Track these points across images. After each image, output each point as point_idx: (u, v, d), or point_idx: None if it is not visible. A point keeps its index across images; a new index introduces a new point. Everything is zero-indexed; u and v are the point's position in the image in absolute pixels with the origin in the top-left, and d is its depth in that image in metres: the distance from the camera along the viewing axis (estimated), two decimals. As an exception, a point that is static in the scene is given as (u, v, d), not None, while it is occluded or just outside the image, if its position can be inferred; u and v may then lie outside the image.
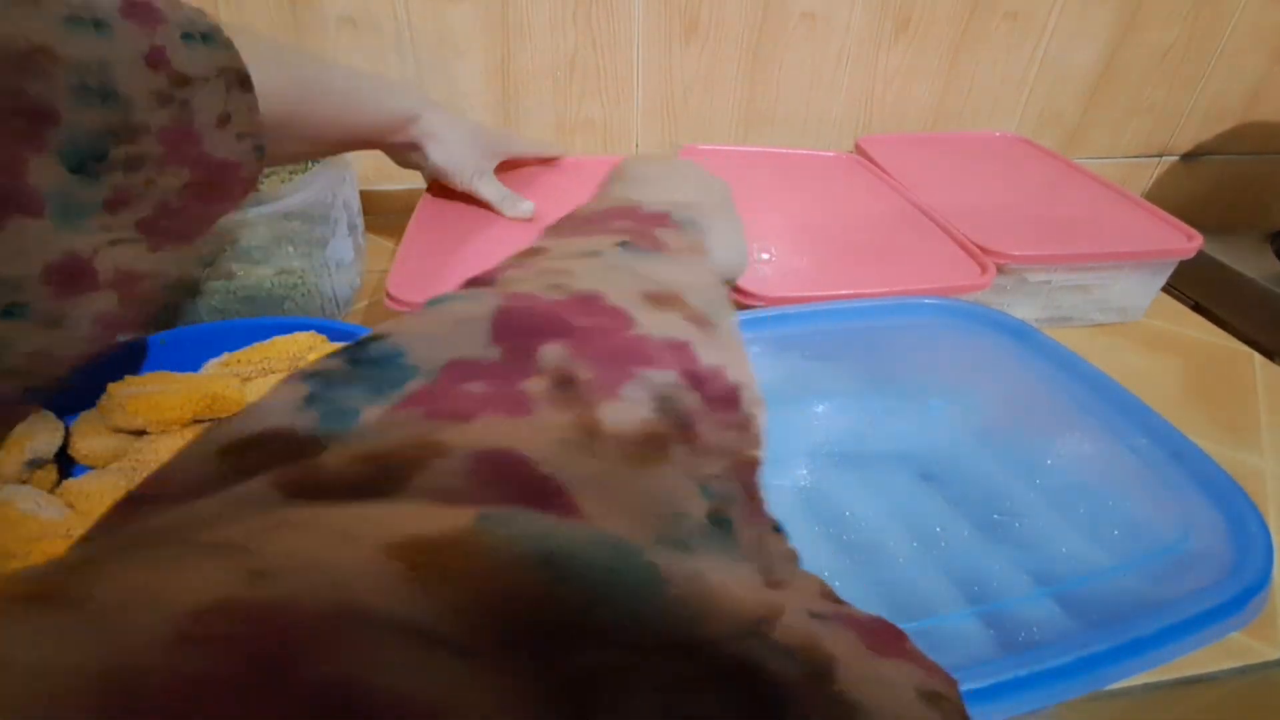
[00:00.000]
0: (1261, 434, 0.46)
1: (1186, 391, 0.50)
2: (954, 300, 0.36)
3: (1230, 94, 0.75)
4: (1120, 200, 0.58)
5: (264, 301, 0.48)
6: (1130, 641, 0.20)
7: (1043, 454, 0.30)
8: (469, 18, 0.61)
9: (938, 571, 0.26)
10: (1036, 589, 0.24)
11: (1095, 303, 0.55)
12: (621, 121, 0.68)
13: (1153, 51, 0.71)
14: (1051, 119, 0.75)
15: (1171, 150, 0.79)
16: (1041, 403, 0.32)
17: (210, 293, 0.47)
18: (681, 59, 0.65)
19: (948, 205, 0.56)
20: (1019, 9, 0.67)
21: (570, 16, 0.62)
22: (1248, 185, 0.83)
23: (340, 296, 0.54)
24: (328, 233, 0.51)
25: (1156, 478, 0.27)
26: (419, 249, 0.48)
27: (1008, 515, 0.28)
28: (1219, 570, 0.23)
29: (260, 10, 0.58)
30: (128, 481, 0.36)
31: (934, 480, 0.30)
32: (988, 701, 0.19)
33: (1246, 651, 0.33)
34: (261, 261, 0.48)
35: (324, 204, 0.50)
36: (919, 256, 0.50)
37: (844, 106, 0.71)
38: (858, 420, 0.33)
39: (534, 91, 0.65)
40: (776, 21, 0.64)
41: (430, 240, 0.50)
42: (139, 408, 0.35)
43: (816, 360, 0.35)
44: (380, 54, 0.61)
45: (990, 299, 0.52)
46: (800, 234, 0.52)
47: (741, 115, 0.70)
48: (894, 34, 0.67)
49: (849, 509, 0.29)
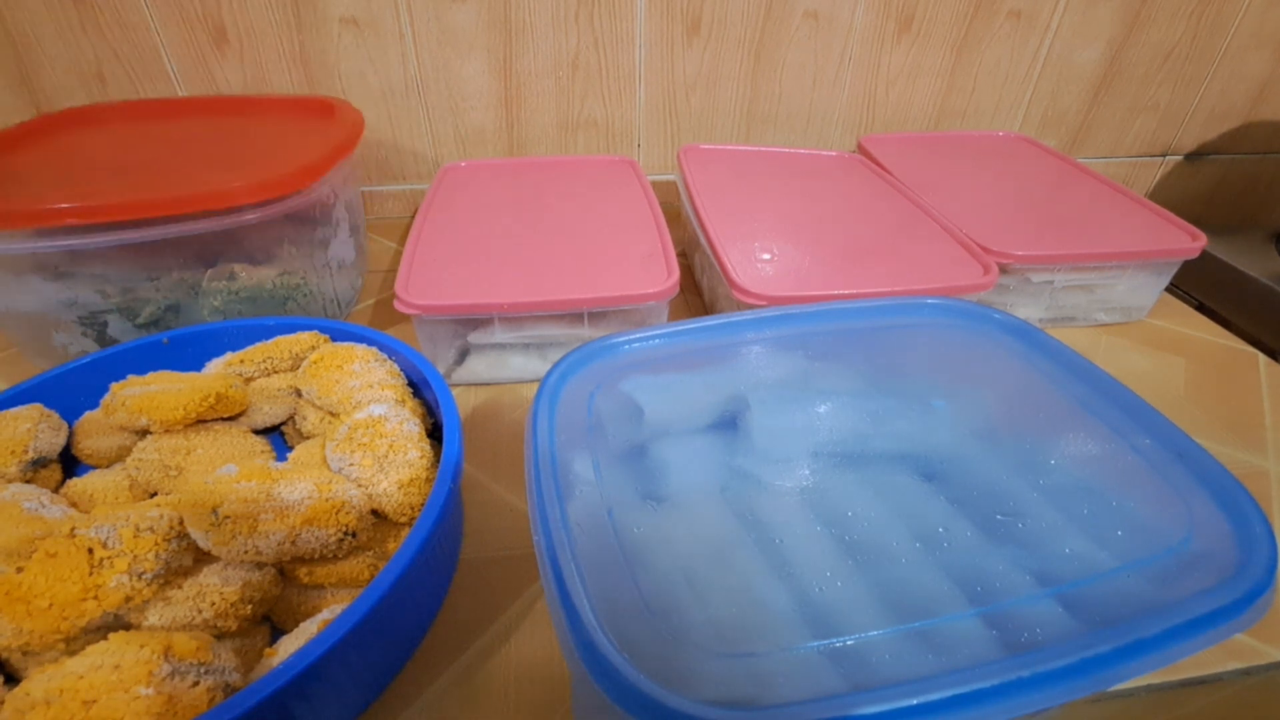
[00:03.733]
0: (1266, 434, 0.46)
1: (1190, 392, 0.50)
2: (957, 300, 0.36)
3: (1234, 93, 0.75)
4: (1124, 200, 0.58)
5: (266, 302, 0.49)
6: (1134, 642, 0.20)
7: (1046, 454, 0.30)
8: (471, 17, 0.61)
9: (940, 572, 0.26)
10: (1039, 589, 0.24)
11: (1099, 303, 0.55)
12: (624, 121, 0.68)
13: (1157, 51, 0.71)
14: (1055, 118, 0.75)
15: (1175, 150, 0.79)
16: (1044, 403, 0.32)
17: (212, 293, 0.47)
18: (684, 58, 0.65)
19: (950, 205, 0.56)
20: (1022, 8, 0.67)
21: (573, 16, 0.62)
22: (1252, 185, 0.82)
23: (342, 297, 0.54)
24: (329, 234, 0.51)
25: (1160, 478, 0.27)
26: (426, 251, 0.48)
27: (1010, 515, 0.28)
28: (1223, 571, 0.23)
29: (263, 11, 0.58)
30: (131, 481, 0.36)
31: (936, 480, 0.30)
32: (990, 702, 0.19)
33: (1250, 653, 0.33)
34: (263, 262, 0.48)
35: (326, 205, 0.50)
36: (921, 256, 0.50)
37: (846, 106, 0.71)
38: (860, 420, 0.33)
39: (536, 91, 0.65)
40: (779, 21, 0.64)
41: (437, 242, 0.50)
42: (142, 407, 0.35)
43: (818, 360, 0.35)
44: (382, 54, 0.61)
45: (993, 299, 0.52)
46: (802, 233, 0.52)
47: (743, 114, 0.69)
48: (897, 33, 0.67)
49: (851, 509, 0.29)
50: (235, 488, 0.30)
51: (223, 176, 0.43)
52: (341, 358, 0.39)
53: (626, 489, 0.28)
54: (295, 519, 0.30)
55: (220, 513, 0.29)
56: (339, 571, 0.31)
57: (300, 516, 0.30)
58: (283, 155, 0.48)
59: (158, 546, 0.29)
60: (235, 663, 0.27)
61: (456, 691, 0.31)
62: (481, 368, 0.47)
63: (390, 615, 0.28)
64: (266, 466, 0.32)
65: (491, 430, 0.45)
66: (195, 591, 0.29)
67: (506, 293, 0.44)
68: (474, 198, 0.57)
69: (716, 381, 0.33)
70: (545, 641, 0.33)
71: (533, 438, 0.27)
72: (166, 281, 0.46)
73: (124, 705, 0.23)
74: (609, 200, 0.56)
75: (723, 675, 0.21)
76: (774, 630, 0.23)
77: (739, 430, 0.32)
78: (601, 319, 0.46)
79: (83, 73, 0.59)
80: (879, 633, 0.23)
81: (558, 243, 0.50)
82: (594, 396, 0.31)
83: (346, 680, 0.27)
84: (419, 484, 0.33)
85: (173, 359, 0.41)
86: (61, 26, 0.57)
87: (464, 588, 0.35)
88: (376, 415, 0.35)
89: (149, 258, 0.45)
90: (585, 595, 0.21)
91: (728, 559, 0.26)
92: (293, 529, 0.29)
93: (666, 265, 0.46)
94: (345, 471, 0.33)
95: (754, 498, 0.29)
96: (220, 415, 0.37)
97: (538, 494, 0.25)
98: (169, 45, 0.59)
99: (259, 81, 0.62)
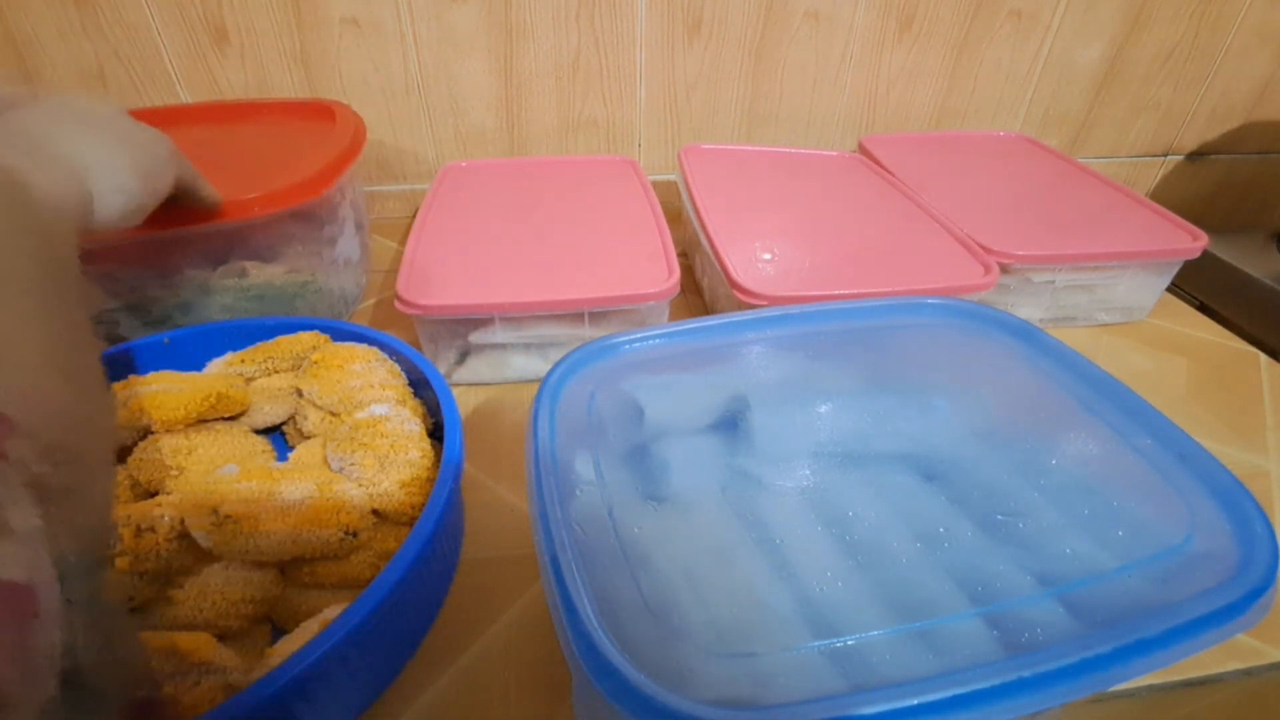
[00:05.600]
0: (1267, 435, 0.46)
1: (1192, 392, 0.50)
2: (957, 300, 0.36)
3: (1236, 93, 0.75)
4: (1125, 200, 0.58)
5: (275, 299, 0.49)
6: (1135, 643, 0.20)
7: (1046, 454, 0.30)
8: (472, 18, 0.61)
9: (940, 572, 0.26)
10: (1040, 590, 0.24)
11: (1100, 303, 0.55)
12: (624, 121, 0.68)
13: (1158, 50, 0.71)
14: (1056, 118, 0.75)
15: (1177, 150, 0.79)
16: (1045, 403, 0.32)
17: (222, 291, 0.47)
18: (684, 58, 0.65)
19: (951, 205, 0.56)
20: (1023, 7, 0.67)
21: (573, 16, 0.62)
22: (1253, 184, 0.82)
23: (348, 294, 0.54)
24: (336, 231, 0.51)
25: (1161, 478, 0.27)
26: (426, 251, 0.48)
27: (1011, 515, 0.28)
28: (1224, 571, 0.23)
29: (263, 11, 0.58)
30: (132, 480, 0.36)
31: (937, 480, 0.30)
32: (991, 703, 0.19)
33: (1252, 653, 0.33)
34: (272, 260, 0.48)
35: (333, 203, 0.50)
36: (922, 256, 0.50)
37: (847, 106, 0.71)
38: (860, 420, 0.33)
39: (537, 91, 0.65)
40: (780, 21, 0.64)
41: (437, 242, 0.50)
42: (144, 407, 0.35)
43: (819, 360, 0.35)
44: (383, 54, 0.61)
45: (994, 299, 0.52)
46: (803, 234, 0.52)
47: (744, 114, 0.69)
48: (898, 33, 0.67)
49: (852, 509, 0.29)
50: (236, 487, 0.30)
51: (234, 185, 0.43)
52: (342, 358, 0.39)
53: (627, 489, 0.28)
54: (296, 519, 0.30)
55: (221, 512, 0.29)
56: (340, 571, 0.31)
57: (301, 516, 0.30)
58: (290, 161, 0.48)
59: (159, 546, 0.29)
60: (236, 662, 0.27)
61: (457, 691, 0.31)
62: (482, 368, 0.47)
63: (391, 615, 0.28)
64: (268, 466, 0.32)
65: (492, 430, 0.45)
66: (196, 591, 0.29)
67: (507, 293, 0.44)
68: (475, 198, 0.57)
69: (717, 381, 0.33)
70: (545, 641, 0.33)
71: (533, 438, 0.27)
72: (176, 280, 0.46)
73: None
74: (610, 200, 0.56)
75: (723, 675, 0.21)
76: (774, 630, 0.23)
77: (740, 430, 0.32)
78: (602, 319, 0.46)
79: (84, 73, 0.59)
80: (879, 633, 0.23)
81: (558, 243, 0.50)
82: (595, 396, 0.31)
83: (347, 680, 0.27)
84: (420, 484, 0.33)
85: (174, 359, 0.41)
86: (63, 27, 0.57)
87: (464, 588, 0.35)
88: (377, 415, 0.35)
89: (159, 257, 0.45)
90: (585, 595, 0.21)
91: (728, 559, 0.27)
92: (294, 529, 0.30)
93: (667, 265, 0.46)
94: (346, 471, 0.33)
95: (755, 498, 0.29)
96: (221, 415, 0.37)
97: (538, 494, 0.25)
98: (170, 45, 0.59)
99: (260, 82, 0.62)
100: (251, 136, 0.55)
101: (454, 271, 0.46)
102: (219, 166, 0.51)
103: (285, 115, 0.58)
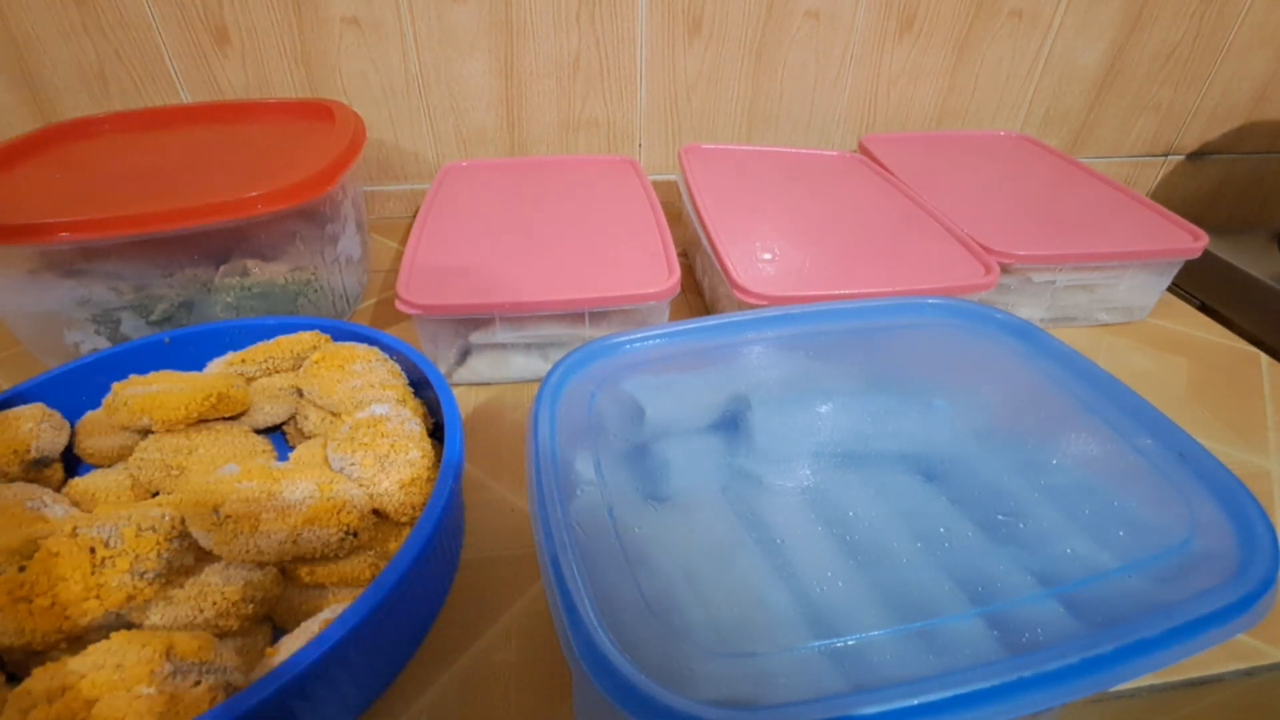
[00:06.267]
0: (1268, 435, 0.46)
1: (1192, 392, 0.50)
2: (958, 300, 0.36)
3: (1236, 93, 0.75)
4: (1126, 200, 0.58)
5: (278, 298, 0.49)
6: (1135, 643, 0.20)
7: (1047, 454, 0.30)
8: (472, 17, 0.61)
9: (941, 572, 0.26)
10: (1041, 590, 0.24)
11: (1100, 303, 0.55)
12: (625, 121, 0.68)
13: (1159, 50, 0.71)
14: (1057, 118, 0.75)
15: (1177, 149, 0.79)
16: (1046, 403, 0.32)
17: (225, 289, 0.47)
18: (685, 58, 0.65)
19: (952, 205, 0.56)
20: (1024, 7, 0.67)
21: (574, 16, 0.62)
22: (1254, 184, 0.82)
23: (350, 293, 0.54)
24: (338, 230, 0.51)
25: (1162, 478, 0.27)
26: (427, 250, 0.48)
27: (1011, 515, 0.28)
28: (1225, 572, 0.23)
29: (264, 11, 0.58)
30: (132, 480, 0.36)
31: (937, 480, 0.30)
32: (991, 703, 0.19)
33: (1252, 654, 0.33)
34: (274, 258, 0.48)
35: (335, 201, 0.50)
36: (923, 256, 0.49)
37: (847, 105, 0.71)
38: (861, 420, 0.32)
39: (537, 91, 0.65)
40: (780, 20, 0.64)
41: (438, 242, 0.50)
42: (144, 406, 0.35)
43: (819, 360, 0.35)
44: (383, 54, 0.61)
45: (994, 299, 0.52)
46: (803, 233, 0.52)
47: (745, 114, 0.69)
48: (898, 32, 0.67)
49: (852, 509, 0.29)
50: (237, 487, 0.30)
51: (235, 184, 0.43)
52: (343, 357, 0.39)
53: (628, 489, 0.28)
54: (297, 518, 0.30)
55: (222, 512, 0.29)
56: (340, 571, 0.31)
57: (302, 516, 0.30)
58: (292, 160, 0.48)
59: (159, 546, 0.29)
60: (237, 662, 0.27)
61: (457, 691, 0.31)
62: (483, 367, 0.47)
63: (392, 615, 0.28)
64: (268, 466, 0.32)
65: (493, 430, 0.45)
66: (197, 591, 0.29)
67: (508, 292, 0.44)
68: (475, 198, 0.57)
69: (718, 381, 0.33)
70: (545, 641, 0.33)
71: (534, 437, 0.27)
72: (179, 278, 0.46)
73: (126, 704, 0.23)
74: (610, 200, 0.56)
75: (723, 675, 0.21)
76: (775, 630, 0.23)
77: (740, 430, 0.32)
78: (603, 319, 0.46)
79: (85, 73, 0.60)
80: (880, 633, 0.23)
81: (559, 242, 0.50)
82: (595, 396, 0.31)
83: (348, 680, 0.27)
84: (420, 484, 0.33)
85: (174, 358, 0.41)
86: (64, 27, 0.57)
87: (465, 587, 0.35)
88: (378, 415, 0.35)
89: (162, 255, 0.45)
90: (586, 595, 0.21)
91: (729, 559, 0.26)
92: (294, 528, 0.30)
93: (667, 265, 0.46)
94: (346, 471, 0.33)
95: (755, 498, 0.29)
96: (222, 415, 0.37)
97: (539, 494, 0.25)
98: (170, 45, 0.59)
99: (260, 82, 0.62)
100: (252, 136, 0.55)
101: (454, 271, 0.46)
102: (220, 166, 0.51)
103: (285, 115, 0.58)
